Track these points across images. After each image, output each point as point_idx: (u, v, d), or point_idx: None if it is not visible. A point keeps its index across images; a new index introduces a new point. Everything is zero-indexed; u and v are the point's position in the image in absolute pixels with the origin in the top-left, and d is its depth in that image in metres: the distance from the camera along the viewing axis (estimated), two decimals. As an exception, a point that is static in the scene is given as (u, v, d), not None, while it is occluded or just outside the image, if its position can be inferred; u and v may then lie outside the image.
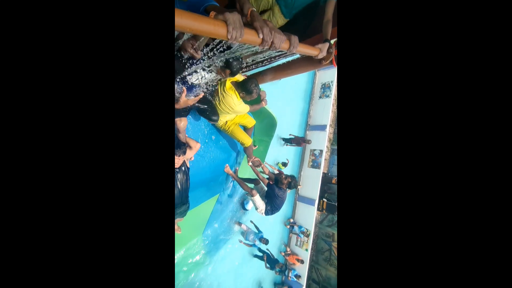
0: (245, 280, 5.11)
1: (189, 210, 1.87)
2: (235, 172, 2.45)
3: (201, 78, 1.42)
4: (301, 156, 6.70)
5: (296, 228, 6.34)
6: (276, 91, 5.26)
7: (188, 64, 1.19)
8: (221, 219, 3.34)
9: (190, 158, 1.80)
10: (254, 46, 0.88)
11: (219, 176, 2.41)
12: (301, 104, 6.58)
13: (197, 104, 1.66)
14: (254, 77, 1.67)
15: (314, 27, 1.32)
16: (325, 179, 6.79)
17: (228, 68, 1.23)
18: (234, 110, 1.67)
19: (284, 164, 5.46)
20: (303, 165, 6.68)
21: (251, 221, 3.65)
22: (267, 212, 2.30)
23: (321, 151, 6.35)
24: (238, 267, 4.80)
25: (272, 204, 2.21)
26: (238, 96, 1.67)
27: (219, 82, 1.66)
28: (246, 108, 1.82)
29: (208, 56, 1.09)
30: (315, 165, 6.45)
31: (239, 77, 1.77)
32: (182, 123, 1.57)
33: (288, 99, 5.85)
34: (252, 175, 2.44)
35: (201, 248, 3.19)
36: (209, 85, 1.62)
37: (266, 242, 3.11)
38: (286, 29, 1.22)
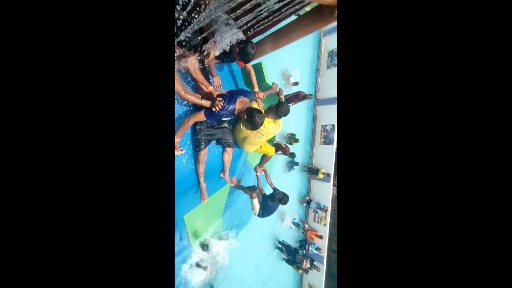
0: (269, 251, 5.42)
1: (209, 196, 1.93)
2: (239, 181, 2.74)
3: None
4: (312, 133, 6.51)
5: (313, 204, 6.41)
6: (279, 65, 4.94)
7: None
8: (236, 204, 3.42)
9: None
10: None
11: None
12: (307, 77, 6.18)
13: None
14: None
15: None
16: (339, 154, 6.61)
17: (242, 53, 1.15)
18: (269, 133, 1.78)
19: (296, 140, 5.31)
20: (315, 143, 6.51)
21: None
22: (260, 215, 2.82)
23: (333, 125, 6.10)
24: (260, 244, 5.07)
25: (265, 210, 2.78)
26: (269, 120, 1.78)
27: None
28: (279, 126, 1.87)
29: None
30: (327, 141, 6.25)
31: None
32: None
33: (293, 73, 5.49)
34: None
35: (223, 229, 3.40)
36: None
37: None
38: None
